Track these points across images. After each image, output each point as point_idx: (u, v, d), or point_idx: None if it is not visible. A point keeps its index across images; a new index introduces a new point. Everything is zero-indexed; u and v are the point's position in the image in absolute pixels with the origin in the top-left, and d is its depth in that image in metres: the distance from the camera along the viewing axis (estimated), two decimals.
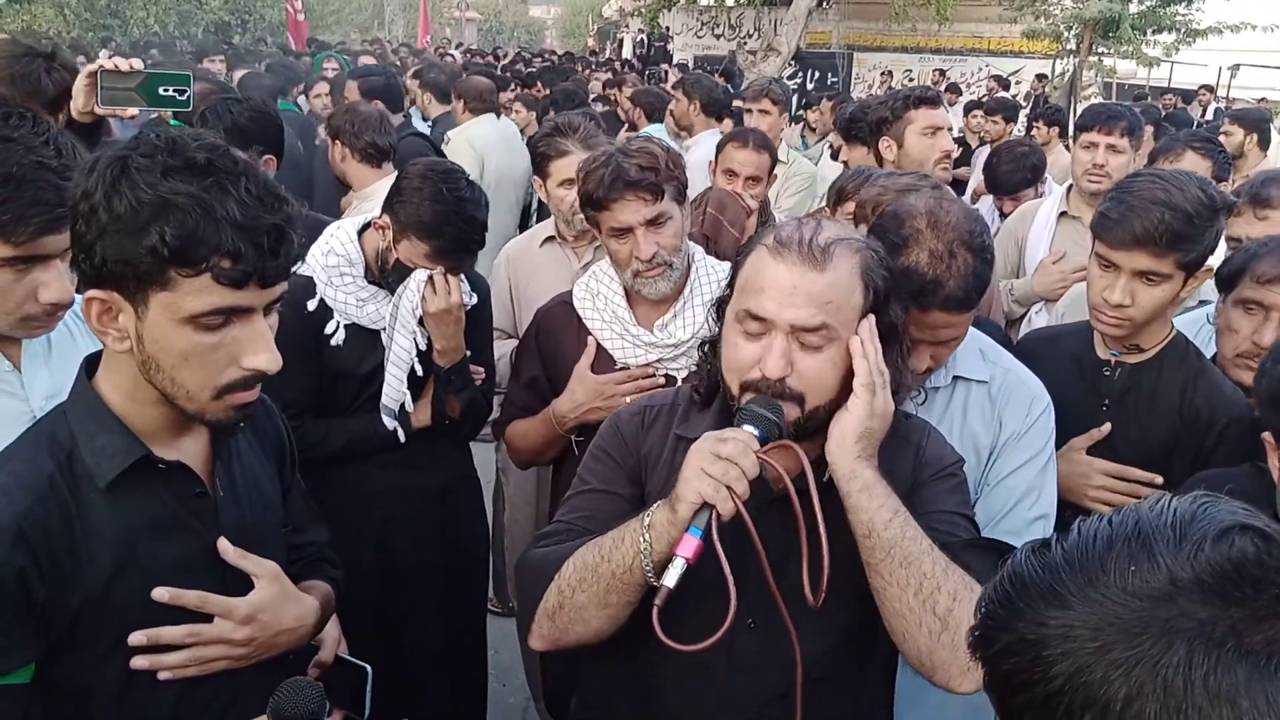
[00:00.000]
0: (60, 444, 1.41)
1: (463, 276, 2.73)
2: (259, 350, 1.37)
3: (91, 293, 1.33)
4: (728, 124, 5.86)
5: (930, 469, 1.70)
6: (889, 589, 1.50)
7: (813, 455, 1.57)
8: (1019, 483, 2.01)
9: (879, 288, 1.61)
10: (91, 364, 1.47)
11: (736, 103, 5.97)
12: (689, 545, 1.44)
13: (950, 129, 3.57)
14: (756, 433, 1.49)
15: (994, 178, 4.86)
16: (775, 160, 4.02)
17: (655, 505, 1.53)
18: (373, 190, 4.12)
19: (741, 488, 1.44)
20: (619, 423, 1.82)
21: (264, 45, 16.88)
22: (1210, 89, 17.48)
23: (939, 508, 1.63)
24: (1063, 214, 3.84)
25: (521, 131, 6.83)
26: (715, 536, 1.44)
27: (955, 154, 3.67)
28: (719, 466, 1.44)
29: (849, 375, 1.58)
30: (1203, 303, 2.98)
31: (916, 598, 1.48)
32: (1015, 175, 4.79)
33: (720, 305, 1.72)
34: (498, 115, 6.08)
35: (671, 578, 1.44)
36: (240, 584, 1.54)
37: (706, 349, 1.75)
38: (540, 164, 3.37)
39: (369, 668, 1.84)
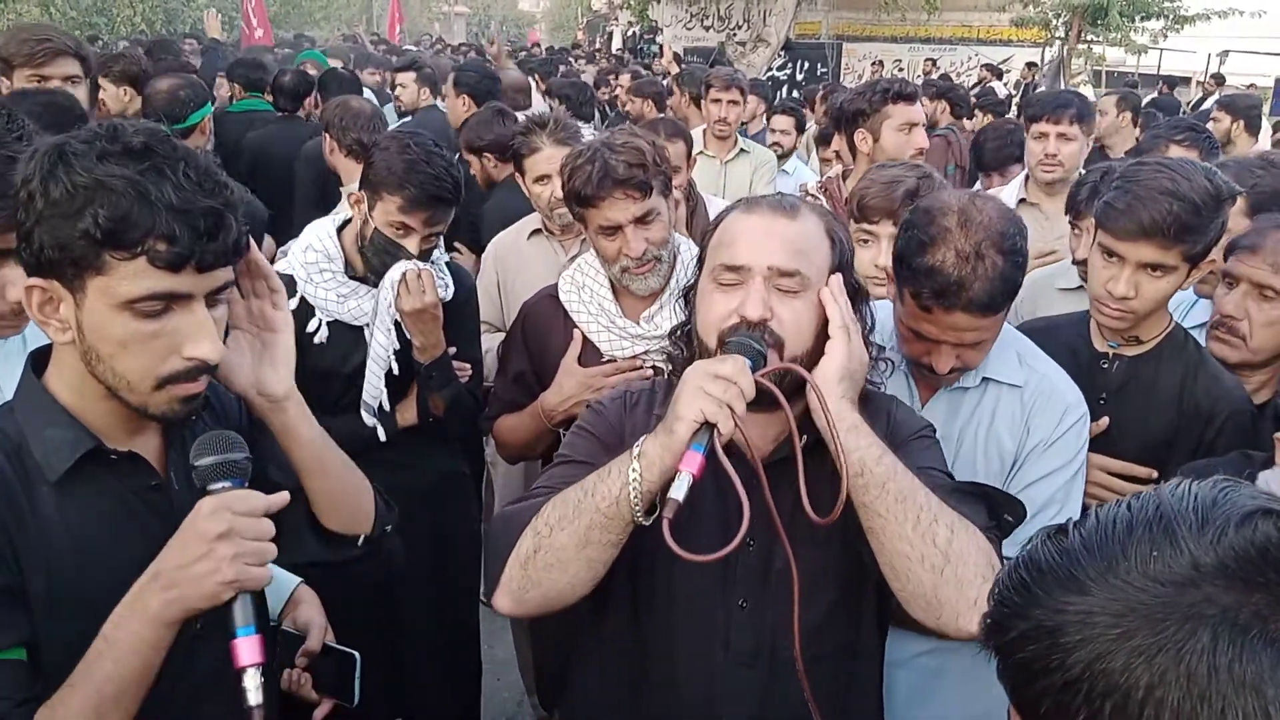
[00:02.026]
0: (9, 437, 1.39)
1: (443, 270, 2.72)
2: (201, 339, 1.33)
3: (31, 281, 1.32)
4: None
5: (903, 432, 1.70)
6: (887, 525, 1.47)
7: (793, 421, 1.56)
8: (1041, 494, 1.96)
9: (843, 249, 1.65)
10: (38, 360, 1.45)
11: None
12: (693, 461, 1.40)
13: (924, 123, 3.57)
14: (747, 360, 1.48)
15: (980, 155, 4.86)
16: (690, 146, 4.04)
17: (642, 438, 1.49)
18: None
19: (740, 407, 1.42)
20: (601, 406, 1.82)
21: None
22: (1219, 79, 17.21)
23: (919, 465, 1.60)
24: (1021, 200, 3.87)
25: None
26: (720, 453, 1.41)
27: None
28: (718, 385, 1.42)
29: (821, 331, 1.59)
30: None
31: (915, 530, 1.45)
32: (1002, 151, 4.79)
33: (688, 293, 1.73)
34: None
35: (679, 490, 1.39)
36: None
37: (679, 336, 1.75)
38: (516, 161, 3.37)
39: (357, 654, 1.83)
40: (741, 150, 5.35)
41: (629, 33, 25.96)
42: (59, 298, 1.32)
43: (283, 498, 1.40)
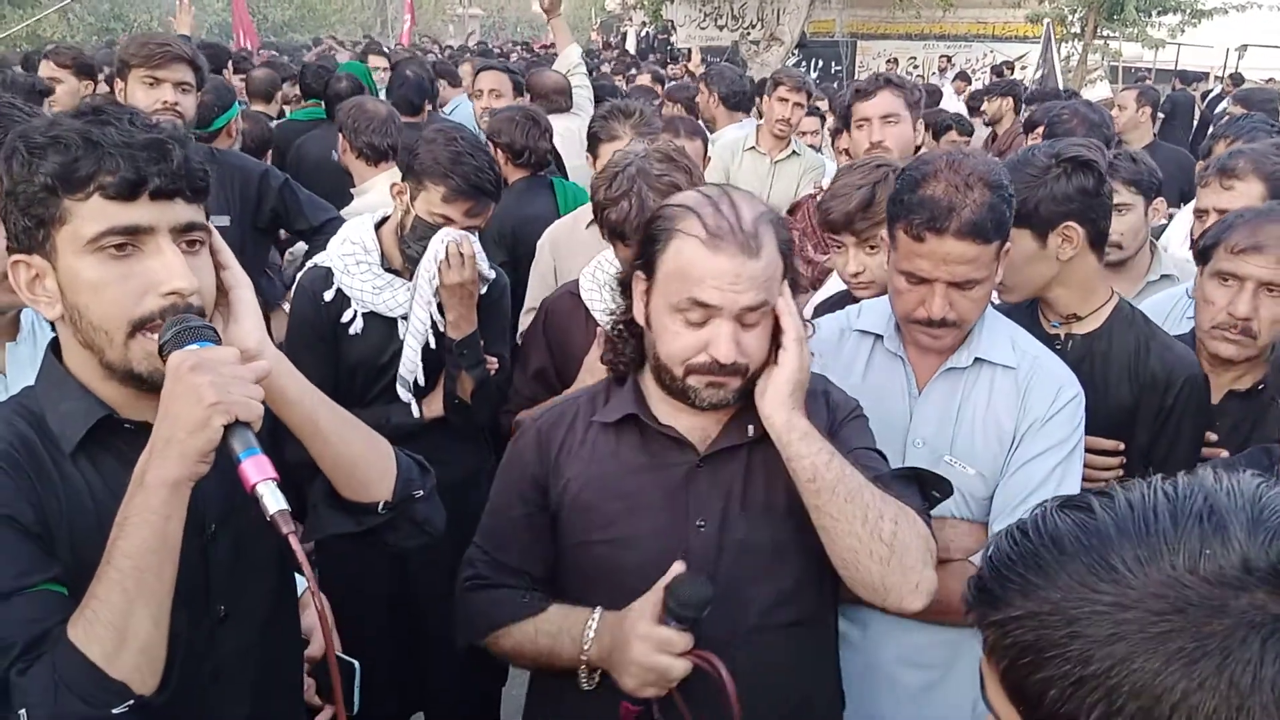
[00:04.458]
0: (33, 412, 1.43)
1: (483, 258, 2.74)
2: (172, 273, 1.34)
3: (16, 256, 1.36)
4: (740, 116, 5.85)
5: (841, 411, 1.83)
6: (838, 524, 1.60)
7: (742, 417, 1.72)
8: (1038, 471, 1.99)
9: (790, 255, 1.72)
10: (57, 346, 1.48)
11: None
12: (629, 713, 1.64)
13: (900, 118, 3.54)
14: (689, 632, 1.59)
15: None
16: (707, 145, 4.04)
17: (590, 636, 1.67)
18: (369, 185, 4.22)
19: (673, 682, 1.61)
20: (520, 438, 1.90)
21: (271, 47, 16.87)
22: (1236, 79, 17.02)
23: (858, 444, 1.77)
24: None
25: None
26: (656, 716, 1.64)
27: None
28: (654, 675, 1.59)
29: (773, 338, 1.70)
30: (1164, 276, 2.98)
31: (864, 527, 1.59)
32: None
33: (625, 283, 1.79)
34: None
35: None
36: (224, 547, 1.50)
37: (621, 329, 1.80)
38: (591, 144, 3.43)
39: (356, 663, 1.82)
40: (793, 152, 5.35)
41: (642, 33, 25.97)
42: (43, 272, 1.36)
43: (263, 366, 1.38)
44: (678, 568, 1.63)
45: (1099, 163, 2.27)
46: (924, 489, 1.79)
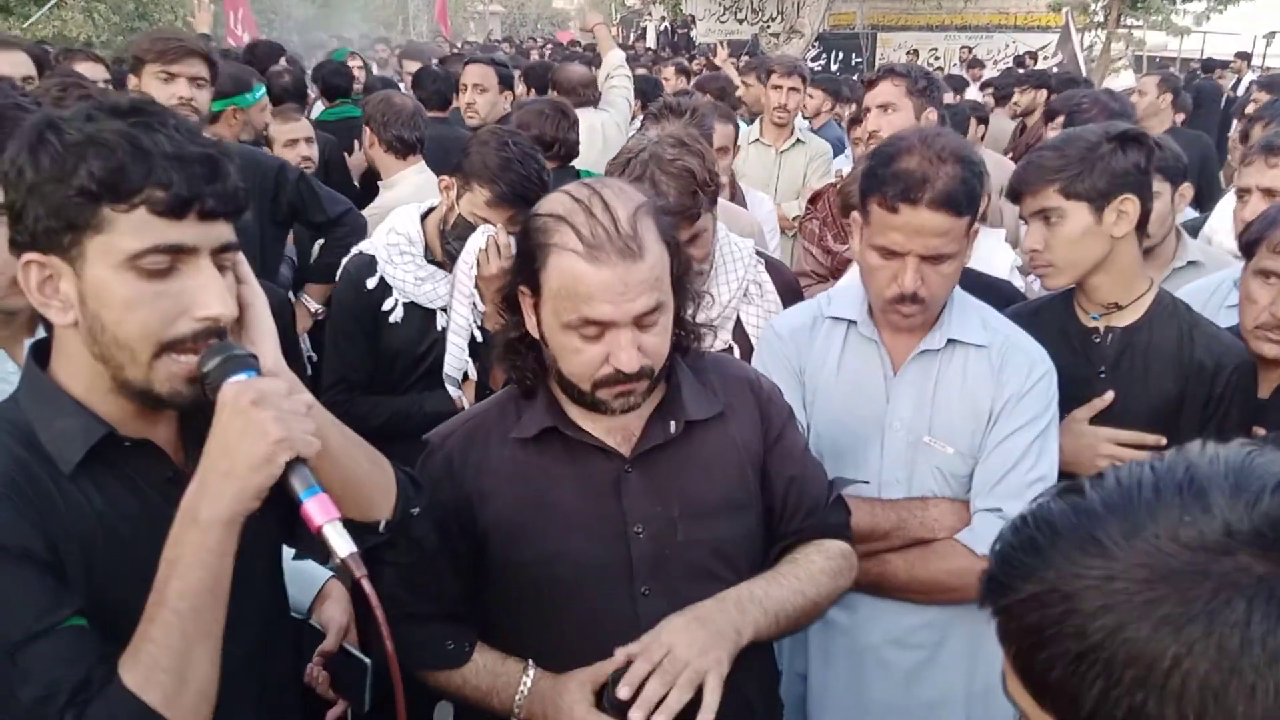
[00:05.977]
0: (22, 430, 1.31)
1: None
2: (210, 297, 1.26)
3: (28, 256, 1.25)
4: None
5: (773, 409, 1.83)
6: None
7: (663, 412, 1.71)
8: (1016, 446, 2.04)
9: (675, 246, 1.66)
10: (41, 351, 1.37)
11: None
12: None
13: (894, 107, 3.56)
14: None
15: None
16: (738, 130, 4.07)
17: (523, 697, 1.66)
18: (397, 179, 4.26)
19: None
20: (427, 463, 1.78)
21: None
22: (1245, 56, 16.93)
23: (797, 449, 1.83)
24: None
25: None
26: None
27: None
28: None
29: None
30: (1191, 263, 2.97)
31: (812, 618, 1.77)
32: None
33: (510, 297, 1.71)
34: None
35: None
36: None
37: (516, 343, 1.72)
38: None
39: (369, 661, 1.81)
40: (798, 140, 5.34)
41: (662, 28, 25.98)
42: (58, 274, 1.26)
43: (308, 397, 1.32)
44: (620, 658, 1.57)
45: (1149, 139, 2.26)
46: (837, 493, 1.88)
